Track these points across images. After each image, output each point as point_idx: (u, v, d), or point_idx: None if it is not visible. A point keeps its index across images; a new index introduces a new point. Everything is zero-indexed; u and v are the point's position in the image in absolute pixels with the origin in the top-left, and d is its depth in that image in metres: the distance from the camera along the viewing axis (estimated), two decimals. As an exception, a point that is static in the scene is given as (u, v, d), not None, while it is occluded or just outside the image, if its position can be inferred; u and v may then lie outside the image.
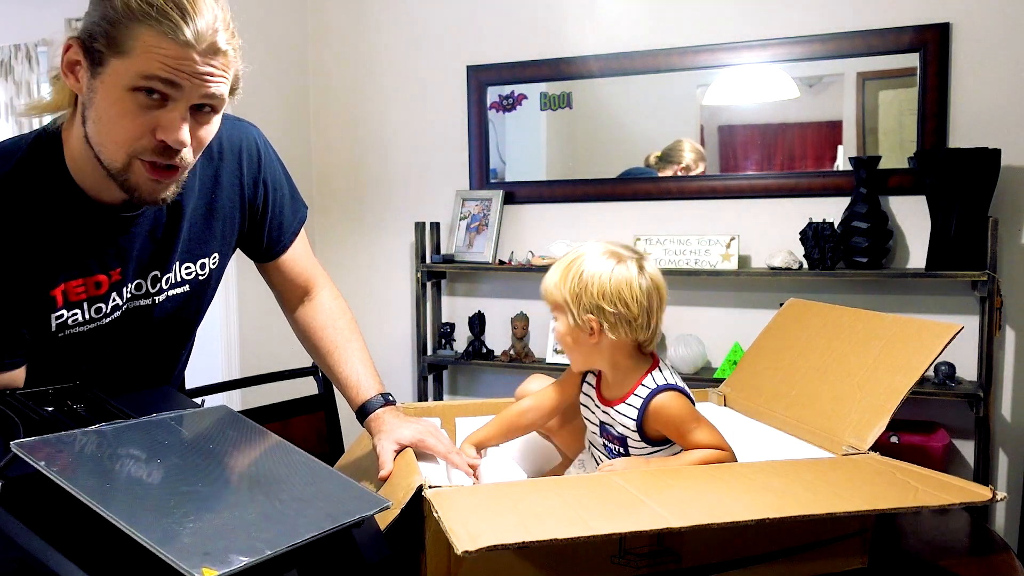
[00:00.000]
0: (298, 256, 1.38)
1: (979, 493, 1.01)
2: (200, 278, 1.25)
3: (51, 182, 1.05)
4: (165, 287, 1.20)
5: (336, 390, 1.40)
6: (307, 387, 1.98)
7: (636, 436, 1.24)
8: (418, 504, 1.01)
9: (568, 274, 1.24)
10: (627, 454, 1.26)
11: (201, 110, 1.01)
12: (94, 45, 0.96)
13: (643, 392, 1.23)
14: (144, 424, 1.00)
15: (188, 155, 1.03)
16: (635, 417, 1.23)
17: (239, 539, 0.81)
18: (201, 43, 0.95)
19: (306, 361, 1.89)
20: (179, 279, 1.22)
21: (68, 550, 0.77)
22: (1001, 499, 0.99)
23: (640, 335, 1.23)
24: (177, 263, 1.20)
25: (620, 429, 1.25)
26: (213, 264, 1.26)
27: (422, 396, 3.08)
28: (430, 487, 1.00)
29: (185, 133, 0.99)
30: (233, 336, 3.00)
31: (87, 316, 1.12)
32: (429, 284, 3.12)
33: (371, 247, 3.34)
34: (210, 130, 1.05)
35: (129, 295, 1.16)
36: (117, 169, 1.01)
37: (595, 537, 0.89)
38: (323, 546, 0.87)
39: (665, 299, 1.25)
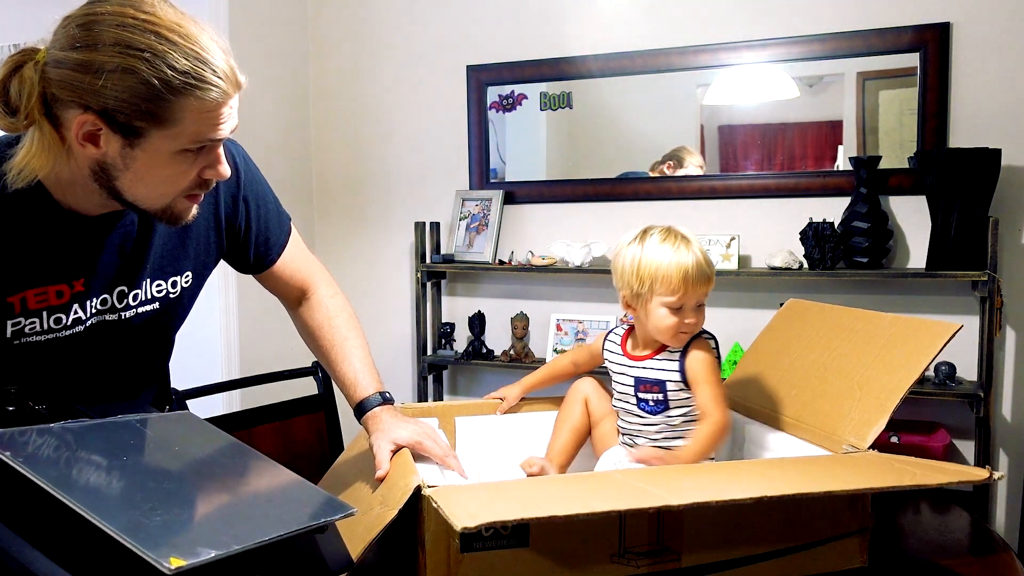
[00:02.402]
0: (289, 261, 1.37)
1: (976, 474, 1.02)
2: (171, 296, 1.23)
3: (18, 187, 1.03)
4: (133, 303, 1.19)
5: (336, 389, 1.40)
6: (307, 387, 1.98)
7: (677, 377, 1.36)
8: (416, 505, 1.01)
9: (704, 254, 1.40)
10: (666, 402, 1.38)
11: None
12: (133, 123, 0.96)
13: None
14: (110, 424, 1.01)
15: None
16: (677, 358, 1.37)
17: (206, 533, 0.82)
18: (231, 87, 1.00)
19: (306, 361, 1.90)
20: (149, 296, 1.20)
21: (30, 539, 0.77)
22: (998, 479, 1.00)
23: None
24: (147, 280, 1.19)
25: (658, 375, 1.38)
26: (186, 283, 1.24)
27: (422, 396, 3.08)
28: (428, 487, 1.00)
29: (227, 166, 1.07)
30: (233, 336, 3.00)
31: (45, 326, 1.10)
32: (429, 284, 3.12)
33: (371, 247, 3.33)
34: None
35: (94, 310, 1.15)
36: (157, 209, 1.06)
37: (594, 515, 0.89)
38: (287, 553, 0.88)
39: None
